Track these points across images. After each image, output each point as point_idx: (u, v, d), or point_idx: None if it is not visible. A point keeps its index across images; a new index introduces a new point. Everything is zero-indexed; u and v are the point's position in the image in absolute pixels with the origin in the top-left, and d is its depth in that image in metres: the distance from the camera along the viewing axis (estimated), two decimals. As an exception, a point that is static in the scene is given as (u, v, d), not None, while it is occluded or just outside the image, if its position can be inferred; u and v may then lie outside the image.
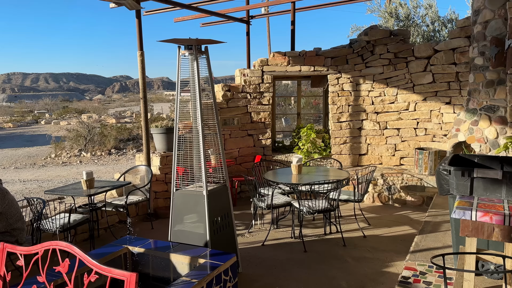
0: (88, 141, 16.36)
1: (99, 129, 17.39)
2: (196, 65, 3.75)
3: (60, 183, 10.84)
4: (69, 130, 17.87)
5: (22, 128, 26.40)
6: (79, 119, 23.27)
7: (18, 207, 3.85)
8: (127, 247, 3.61)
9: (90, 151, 15.95)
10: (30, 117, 32.18)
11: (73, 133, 16.85)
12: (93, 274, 2.40)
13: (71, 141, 16.58)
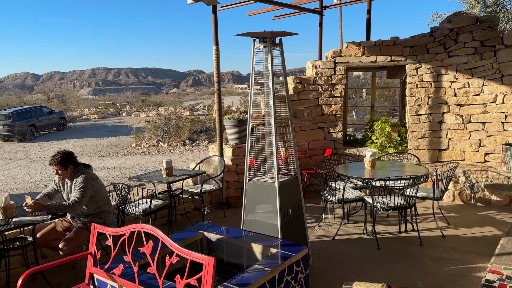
0: (165, 132, 17.30)
1: (175, 121, 18.28)
2: (270, 58, 3.79)
3: (140, 171, 11.62)
4: (148, 121, 19.02)
5: (106, 119, 28.65)
6: (157, 112, 24.69)
7: (106, 192, 4.20)
8: (203, 233, 3.79)
9: (167, 142, 16.86)
10: (112, 109, 34.78)
11: (151, 124, 17.92)
12: (174, 256, 2.56)
13: (150, 132, 17.66)
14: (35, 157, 15.79)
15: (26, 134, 20.18)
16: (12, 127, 19.74)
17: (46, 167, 13.28)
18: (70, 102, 36.88)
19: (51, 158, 3.92)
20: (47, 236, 4.01)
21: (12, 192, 9.63)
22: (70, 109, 32.55)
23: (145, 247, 2.72)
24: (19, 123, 19.97)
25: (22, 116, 20.46)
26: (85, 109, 36.33)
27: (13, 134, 19.86)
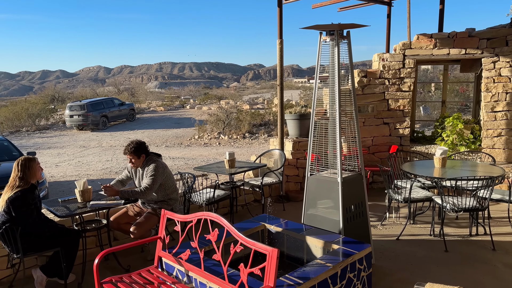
0: (225, 125, 17.70)
1: (236, 114, 18.62)
2: (337, 51, 3.72)
3: (202, 162, 12.01)
4: (210, 114, 19.57)
5: (171, 111, 29.88)
6: (218, 105, 25.30)
7: (174, 180, 4.40)
8: (265, 224, 3.84)
9: (227, 134, 17.24)
10: (177, 102, 36.18)
11: (213, 117, 18.41)
12: (238, 245, 2.63)
13: (212, 125, 18.16)
14: (106, 145, 16.91)
15: (98, 124, 21.66)
16: (86, 117, 21.28)
17: (116, 155, 14.19)
18: (138, 94, 38.92)
19: (125, 148, 4.18)
20: (119, 220, 4.29)
21: (86, 178, 10.41)
22: (138, 101, 34.36)
23: (211, 234, 2.82)
24: (93, 114, 21.47)
25: (96, 107, 21.96)
26: (152, 101, 38.15)
27: (87, 123, 21.41)
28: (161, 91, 60.68)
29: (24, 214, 3.47)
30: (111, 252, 3.17)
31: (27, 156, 3.69)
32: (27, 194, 3.51)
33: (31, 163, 3.62)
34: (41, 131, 22.41)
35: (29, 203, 3.52)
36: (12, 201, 3.44)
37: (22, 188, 3.50)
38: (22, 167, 3.57)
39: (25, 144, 17.61)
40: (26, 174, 3.56)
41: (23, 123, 23.18)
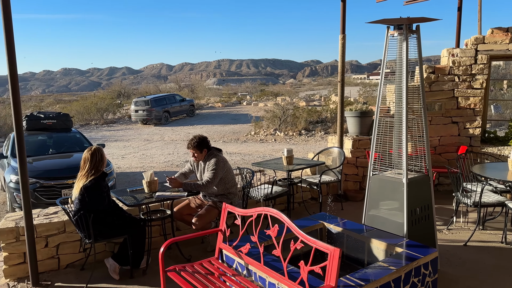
0: (282, 121, 17.70)
1: (292, 111, 18.55)
2: (405, 46, 3.56)
3: (258, 158, 12.12)
4: (267, 111, 19.67)
5: (228, 107, 30.45)
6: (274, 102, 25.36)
7: (233, 175, 4.48)
8: (323, 223, 3.79)
9: (283, 131, 17.24)
10: (234, 99, 36.79)
11: (269, 114, 18.50)
12: (299, 242, 2.62)
13: (268, 121, 18.26)
14: (168, 139, 17.62)
15: (161, 118, 22.61)
16: (150, 112, 22.30)
17: (177, 149, 14.74)
18: (197, 91, 40.10)
19: (188, 142, 4.33)
20: (182, 211, 4.46)
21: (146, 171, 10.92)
22: (197, 98, 35.42)
23: (271, 230, 2.84)
24: (156, 109, 22.45)
25: (159, 102, 22.95)
26: (211, 98, 39.14)
27: (151, 118, 22.44)
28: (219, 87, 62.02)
29: (97, 201, 3.72)
30: (174, 241, 3.30)
31: (97, 147, 3.93)
32: (100, 182, 3.75)
33: (102, 153, 3.87)
34: (109, 124, 23.85)
35: (102, 190, 3.76)
36: (87, 188, 3.69)
37: (96, 176, 3.75)
38: (94, 156, 3.81)
39: (94, 136, 18.83)
40: (98, 162, 3.80)
41: (92, 117, 24.80)
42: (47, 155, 7.89)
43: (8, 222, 4.06)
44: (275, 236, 2.82)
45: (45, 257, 4.03)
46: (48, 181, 6.73)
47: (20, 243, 3.93)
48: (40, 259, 3.94)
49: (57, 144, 8.45)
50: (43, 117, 8.56)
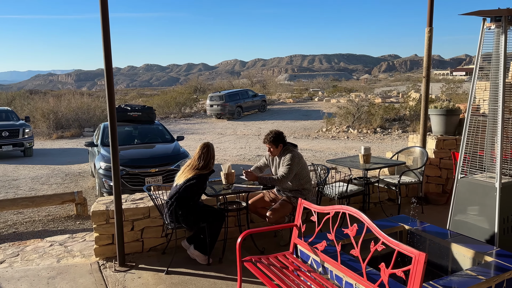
0: (355, 118, 17.21)
1: (367, 108, 17.95)
2: (503, 39, 3.26)
3: (330, 155, 11.93)
4: (340, 107, 19.25)
5: (299, 103, 30.30)
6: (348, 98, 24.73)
7: (308, 171, 4.46)
8: (403, 225, 3.62)
9: (356, 128, 16.76)
10: (306, 94, 36.50)
11: (342, 110, 18.08)
12: (380, 243, 2.53)
13: (340, 118, 17.86)
14: (240, 134, 18.03)
15: (234, 113, 23.19)
16: (224, 107, 22.98)
17: (249, 143, 15.03)
18: (269, 86, 40.48)
19: (265, 137, 4.39)
20: (256, 204, 4.54)
21: (223, 163, 11.27)
22: (269, 93, 35.74)
23: (349, 229, 2.79)
24: (230, 104, 23.07)
25: (232, 98, 23.56)
26: (282, 93, 39.25)
27: (224, 113, 23.12)
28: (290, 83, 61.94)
29: (193, 195, 3.90)
30: (251, 233, 3.37)
31: (210, 143, 4.09)
32: (205, 179, 3.92)
33: (213, 151, 4.03)
34: (186, 118, 25.02)
35: (202, 187, 3.93)
36: (189, 180, 3.86)
37: (203, 173, 3.91)
38: (206, 152, 3.97)
39: (173, 129, 19.87)
40: (210, 160, 3.98)
41: (171, 110, 26.17)
42: (133, 145, 8.48)
43: (99, 205, 4.45)
44: (354, 236, 2.76)
45: (131, 240, 4.35)
46: (133, 169, 7.24)
47: (110, 225, 4.28)
48: (126, 241, 4.26)
49: (142, 135, 9.05)
50: (130, 109, 9.20)
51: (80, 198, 6.52)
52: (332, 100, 29.05)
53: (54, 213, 6.77)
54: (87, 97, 25.81)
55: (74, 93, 26.70)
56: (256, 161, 11.38)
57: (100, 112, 21.35)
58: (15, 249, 4.84)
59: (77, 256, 4.49)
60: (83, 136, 18.94)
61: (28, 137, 13.56)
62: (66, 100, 21.97)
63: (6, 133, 13.04)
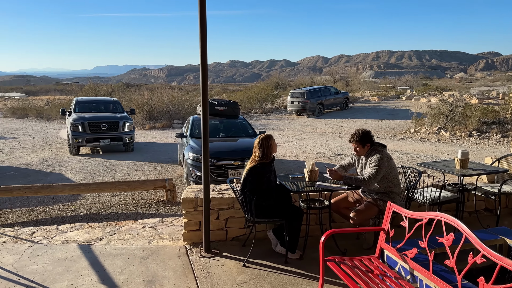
0: (448, 120, 16.00)
1: (462, 108, 16.58)
2: None
3: (418, 158, 11.24)
4: (431, 107, 18.03)
5: (385, 102, 28.98)
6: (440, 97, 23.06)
7: (397, 173, 4.25)
8: (505, 239, 3.30)
9: (449, 130, 15.57)
10: (392, 92, 34.80)
11: (434, 110, 16.90)
12: (479, 256, 2.34)
13: (431, 119, 16.72)
14: (320, 131, 17.80)
15: (314, 110, 22.96)
16: (305, 103, 22.85)
17: (330, 141, 14.77)
18: (352, 84, 39.31)
19: (351, 136, 4.27)
20: (339, 203, 4.45)
21: (303, 159, 11.22)
22: (352, 91, 34.71)
23: (444, 238, 2.60)
24: (311, 101, 22.88)
25: (314, 94, 23.32)
26: (366, 91, 37.90)
27: (305, 110, 22.98)
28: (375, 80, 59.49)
29: (257, 183, 3.99)
30: (334, 233, 3.32)
31: (267, 134, 4.21)
32: (265, 167, 4.02)
33: (270, 140, 4.13)
34: (266, 114, 25.37)
35: (263, 175, 4.02)
36: (251, 171, 4.01)
37: (262, 161, 4.04)
38: (262, 143, 4.10)
39: (253, 124, 20.23)
40: (266, 149, 4.08)
41: (253, 106, 26.71)
42: (218, 138, 8.83)
43: (189, 193, 4.70)
44: (449, 245, 2.57)
45: (216, 228, 4.54)
46: (218, 161, 7.53)
47: (197, 212, 4.51)
48: (211, 229, 4.45)
49: (226, 129, 9.38)
50: (217, 104, 9.57)
51: (170, 185, 6.96)
52: (422, 99, 27.32)
53: (146, 197, 7.32)
54: (177, 91, 27.40)
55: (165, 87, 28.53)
56: (337, 160, 11.14)
57: (188, 105, 22.52)
58: (112, 228, 5.32)
59: (166, 239, 4.81)
60: (172, 127, 20.16)
61: (128, 131, 12.61)
62: (159, 94, 23.54)
63: (105, 126, 12.21)
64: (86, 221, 5.98)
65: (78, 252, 4.34)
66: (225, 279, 3.71)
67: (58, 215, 6.40)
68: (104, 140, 12.16)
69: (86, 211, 6.58)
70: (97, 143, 12.20)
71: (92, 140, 12.11)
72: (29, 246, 4.54)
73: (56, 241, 4.78)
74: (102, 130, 12.19)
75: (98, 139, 12.11)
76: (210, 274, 3.82)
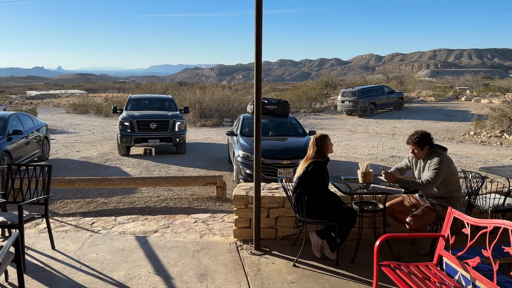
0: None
1: (528, 110, 15.41)
2: None
3: (478, 162, 10.61)
4: (493, 108, 16.94)
5: (442, 102, 27.62)
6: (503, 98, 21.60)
7: (458, 178, 4.03)
8: None
9: (513, 134, 14.54)
10: (450, 93, 33.07)
11: (497, 112, 15.86)
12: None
13: (493, 121, 15.70)
14: (372, 132, 17.30)
15: (366, 110, 22.35)
16: (356, 103, 22.32)
17: (382, 142, 14.33)
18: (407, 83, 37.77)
19: (409, 137, 4.11)
20: (394, 207, 4.30)
21: (353, 161, 10.97)
22: (407, 90, 33.37)
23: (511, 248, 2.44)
24: (362, 100, 22.30)
25: (366, 94, 22.71)
26: (422, 91, 36.33)
27: (356, 109, 22.44)
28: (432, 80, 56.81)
29: (311, 182, 3.95)
30: (389, 237, 3.21)
31: (322, 134, 4.16)
32: (320, 166, 3.98)
33: (325, 140, 4.08)
34: (316, 113, 25.08)
35: (319, 173, 3.98)
36: (307, 168, 3.98)
37: (317, 160, 4.00)
38: (318, 142, 4.06)
39: (302, 123, 20.10)
40: (321, 148, 4.03)
41: (302, 105, 26.51)
42: (267, 137, 8.86)
43: (240, 190, 4.76)
44: (517, 256, 2.40)
45: (266, 226, 4.56)
46: (267, 159, 7.56)
47: (248, 209, 4.56)
48: (261, 227, 4.47)
49: (276, 128, 9.39)
50: (267, 102, 9.61)
51: (220, 182, 7.09)
52: (483, 100, 25.73)
53: (198, 193, 7.51)
54: (227, 89, 27.83)
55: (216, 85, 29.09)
56: (390, 162, 10.78)
57: (238, 104, 22.80)
58: (166, 221, 5.52)
59: (217, 234, 4.90)
60: (222, 125, 20.52)
61: (179, 131, 11.57)
62: (210, 92, 24.04)
63: (154, 125, 11.35)
64: (142, 213, 6.24)
65: (134, 243, 4.55)
66: (275, 278, 3.72)
67: (116, 206, 6.73)
68: (153, 141, 11.30)
69: (142, 204, 6.87)
70: (145, 143, 11.36)
71: (140, 140, 11.28)
72: (89, 236, 4.82)
73: (114, 232, 5.04)
74: (151, 130, 11.37)
75: (147, 139, 11.27)
76: (260, 271, 3.84)
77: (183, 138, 11.80)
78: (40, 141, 10.55)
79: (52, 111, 30.09)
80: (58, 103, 38.07)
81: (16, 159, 9.01)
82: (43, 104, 37.53)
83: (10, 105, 32.35)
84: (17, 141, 9.22)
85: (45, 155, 10.93)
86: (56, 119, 24.03)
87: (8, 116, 9.57)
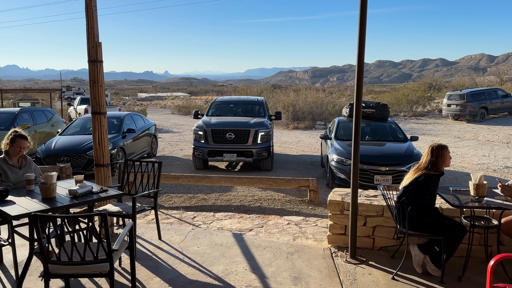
0: None
1: None
2: None
3: None
4: None
5: None
6: None
7: None
8: None
9: None
10: None
11: None
12: None
13: None
14: (483, 139, 15.67)
15: (476, 115, 20.33)
16: (464, 107, 20.42)
17: (494, 151, 12.90)
18: (526, 85, 33.47)
19: None
20: (510, 225, 3.84)
21: (461, 170, 10.05)
22: (526, 93, 29.57)
23: None
24: (472, 104, 20.33)
25: (476, 97, 20.66)
26: (545, 94, 31.84)
27: (464, 114, 20.53)
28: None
29: (417, 195, 3.69)
30: (506, 258, 2.87)
31: (440, 143, 3.84)
32: (431, 179, 3.69)
33: (443, 151, 3.76)
34: (417, 117, 23.53)
35: (428, 187, 3.68)
36: (416, 180, 3.71)
37: (429, 172, 3.71)
38: (434, 152, 3.76)
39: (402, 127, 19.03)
40: (437, 159, 3.74)
41: (401, 108, 25.09)
42: (364, 141, 8.56)
43: (336, 195, 4.67)
44: None
45: (362, 235, 4.41)
46: (363, 165, 7.30)
47: (344, 216, 4.45)
48: (358, 235, 4.33)
49: (374, 132, 9.03)
50: (364, 105, 9.28)
51: (313, 185, 7.04)
52: None
53: (290, 195, 7.56)
54: (321, 92, 27.57)
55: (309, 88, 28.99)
56: (504, 173, 9.66)
57: (332, 107, 22.43)
58: (260, 221, 5.65)
59: (310, 238, 4.88)
60: (315, 128, 20.38)
61: (262, 144, 9.20)
62: (303, 95, 24.06)
63: (232, 135, 9.20)
64: (238, 211, 6.48)
65: (231, 240, 4.74)
66: (371, 289, 3.57)
67: (214, 203, 7.09)
68: (229, 155, 9.19)
69: (238, 202, 7.14)
70: (220, 157, 9.27)
71: (214, 153, 9.24)
72: (191, 229, 5.14)
73: (213, 227, 5.31)
74: (227, 141, 9.25)
75: (222, 152, 9.20)
76: (356, 281, 3.72)
77: (268, 152, 9.37)
78: (149, 139, 11.60)
79: (159, 112, 32.90)
80: (165, 105, 41.51)
81: (129, 154, 10.02)
82: (151, 105, 41.28)
83: (123, 105, 36.11)
84: (130, 138, 10.27)
85: (153, 152, 11.99)
86: (163, 119, 26.19)
87: (123, 116, 10.73)
